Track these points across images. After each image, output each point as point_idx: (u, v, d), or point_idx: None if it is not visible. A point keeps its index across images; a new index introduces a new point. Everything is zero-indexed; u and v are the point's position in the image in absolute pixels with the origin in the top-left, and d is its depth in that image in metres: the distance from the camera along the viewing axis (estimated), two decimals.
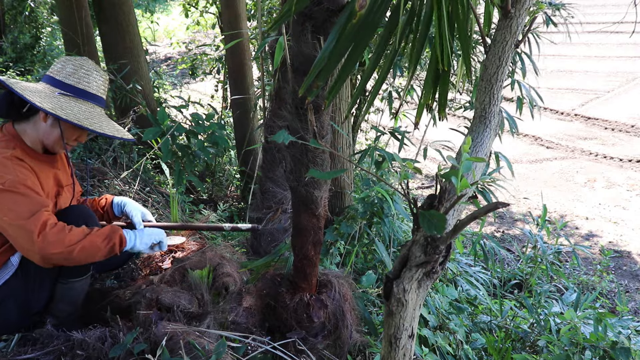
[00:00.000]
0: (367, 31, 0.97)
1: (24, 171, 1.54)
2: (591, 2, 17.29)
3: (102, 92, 1.73)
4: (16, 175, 1.51)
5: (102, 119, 1.69)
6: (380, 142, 4.39)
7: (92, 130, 1.59)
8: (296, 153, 1.58)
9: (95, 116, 1.66)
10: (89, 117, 1.63)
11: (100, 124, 1.65)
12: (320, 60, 1.02)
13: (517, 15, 1.20)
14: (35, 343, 1.64)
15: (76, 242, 1.52)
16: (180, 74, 9.86)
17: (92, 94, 1.68)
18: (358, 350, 1.94)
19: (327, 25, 1.39)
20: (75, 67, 1.66)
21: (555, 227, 4.37)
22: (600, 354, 1.89)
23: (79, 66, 1.67)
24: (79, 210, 1.73)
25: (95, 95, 1.69)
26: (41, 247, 1.47)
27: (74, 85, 1.65)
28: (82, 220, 1.63)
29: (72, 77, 1.65)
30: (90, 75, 1.68)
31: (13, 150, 1.57)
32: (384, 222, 2.50)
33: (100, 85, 1.71)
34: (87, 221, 1.66)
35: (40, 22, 6.41)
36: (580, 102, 9.63)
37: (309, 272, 1.76)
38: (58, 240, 1.49)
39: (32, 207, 1.49)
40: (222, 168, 4.37)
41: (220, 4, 4.51)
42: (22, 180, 1.51)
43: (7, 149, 1.57)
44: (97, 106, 1.71)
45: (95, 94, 1.69)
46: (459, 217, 1.16)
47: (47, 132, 1.63)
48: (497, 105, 1.28)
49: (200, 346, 1.51)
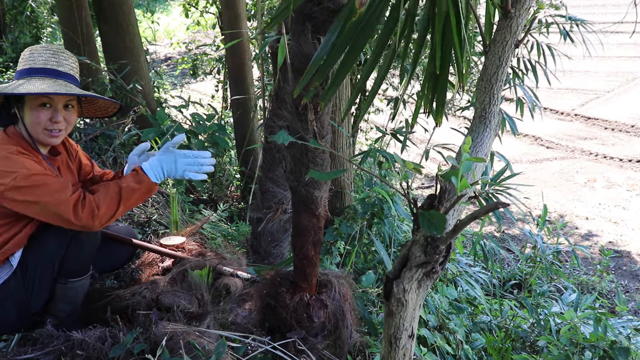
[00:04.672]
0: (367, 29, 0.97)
1: (30, 162, 1.54)
2: (591, 2, 17.30)
3: (52, 63, 1.64)
4: (24, 167, 1.50)
5: (46, 83, 1.59)
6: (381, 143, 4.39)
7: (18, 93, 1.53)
8: (296, 153, 1.58)
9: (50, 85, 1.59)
10: (40, 87, 1.56)
11: (41, 86, 1.57)
12: (317, 59, 1.01)
13: (517, 15, 1.20)
14: (35, 343, 1.64)
15: (114, 211, 1.55)
16: (181, 74, 9.86)
17: (39, 69, 1.63)
18: (358, 350, 1.94)
19: (327, 25, 1.38)
20: (23, 55, 1.66)
21: (555, 227, 4.37)
22: (600, 354, 1.89)
23: (27, 51, 1.66)
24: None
25: (42, 69, 1.62)
26: (84, 226, 1.51)
27: (22, 68, 1.64)
28: None
29: (21, 65, 1.65)
30: (34, 54, 1.65)
31: (17, 146, 1.57)
32: (384, 222, 2.50)
33: (49, 59, 1.65)
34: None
35: (40, 22, 6.41)
36: (580, 102, 9.63)
37: (309, 272, 1.76)
38: (95, 216, 1.51)
39: (54, 194, 1.49)
40: (222, 168, 4.37)
41: (220, 4, 4.51)
42: (32, 170, 1.51)
43: (11, 144, 1.57)
44: (50, 78, 1.63)
45: (43, 67, 1.63)
46: (459, 217, 1.15)
47: (25, 125, 1.61)
48: (497, 105, 1.28)
49: (200, 346, 1.51)
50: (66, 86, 1.63)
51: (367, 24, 0.97)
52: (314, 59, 1.01)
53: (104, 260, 1.98)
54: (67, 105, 1.66)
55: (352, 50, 0.98)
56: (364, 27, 0.97)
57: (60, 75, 1.65)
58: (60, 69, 1.66)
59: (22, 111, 1.61)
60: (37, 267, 1.64)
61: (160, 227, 2.86)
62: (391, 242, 2.54)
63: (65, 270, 1.68)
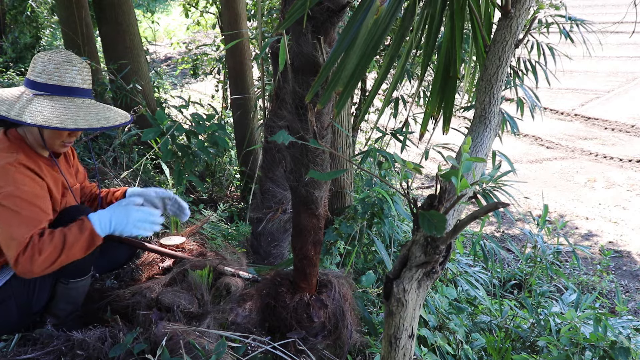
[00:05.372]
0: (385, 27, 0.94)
1: (25, 180, 1.51)
2: (591, 2, 17.30)
3: (79, 82, 1.61)
4: (16, 186, 1.48)
5: (80, 112, 1.58)
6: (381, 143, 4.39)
7: (60, 128, 1.51)
8: (296, 153, 1.58)
9: (72, 111, 1.56)
10: (63, 114, 1.54)
11: (76, 119, 1.55)
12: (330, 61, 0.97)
13: (517, 15, 1.20)
14: (35, 343, 1.64)
15: (55, 259, 1.48)
16: (181, 74, 9.86)
17: (67, 87, 1.59)
18: (358, 350, 1.94)
19: (327, 25, 1.39)
20: (44, 63, 1.57)
21: (555, 227, 4.37)
22: (600, 354, 1.89)
23: (48, 61, 1.57)
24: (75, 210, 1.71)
25: (71, 88, 1.59)
26: (21, 272, 1.46)
27: (46, 82, 1.57)
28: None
29: (43, 75, 1.57)
30: (61, 69, 1.58)
31: (17, 155, 1.54)
32: (384, 222, 2.50)
33: (75, 76, 1.60)
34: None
35: (40, 22, 6.41)
36: (580, 102, 9.63)
37: (309, 272, 1.76)
38: (34, 261, 1.45)
39: (17, 227, 1.46)
40: (222, 168, 4.37)
41: (220, 4, 4.51)
42: (18, 192, 1.48)
43: (10, 153, 1.54)
44: (77, 98, 1.61)
45: (71, 87, 1.59)
46: (459, 217, 1.16)
47: (38, 134, 1.60)
48: (497, 105, 1.28)
49: (200, 346, 1.51)
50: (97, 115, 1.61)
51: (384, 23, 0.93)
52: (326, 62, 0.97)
53: (104, 260, 1.97)
54: None
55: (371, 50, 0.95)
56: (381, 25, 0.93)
57: (84, 94, 1.62)
58: (85, 86, 1.63)
59: None
60: None
61: (160, 227, 2.86)
62: (391, 242, 2.54)
63: (67, 271, 1.67)
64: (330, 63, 0.98)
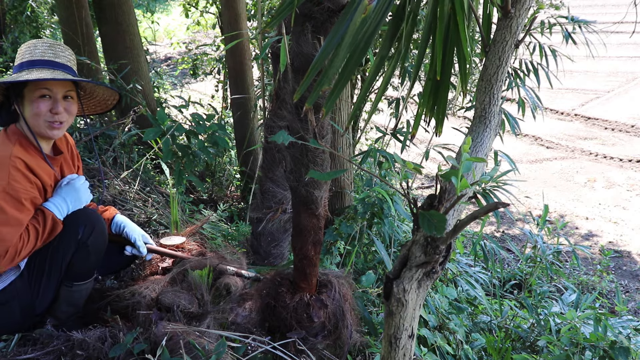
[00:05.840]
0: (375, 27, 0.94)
1: (17, 176, 1.52)
2: (591, 2, 17.31)
3: (49, 55, 1.65)
4: (7, 181, 1.49)
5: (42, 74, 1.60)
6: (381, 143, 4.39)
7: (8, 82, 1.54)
8: (296, 153, 1.58)
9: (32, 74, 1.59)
10: (21, 77, 1.57)
11: (39, 75, 1.57)
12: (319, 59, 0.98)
13: (517, 15, 1.20)
14: (35, 343, 1.64)
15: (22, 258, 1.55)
16: (181, 74, 9.86)
17: (36, 60, 1.63)
18: (358, 350, 1.94)
19: (327, 25, 1.39)
20: (20, 50, 1.67)
21: (555, 227, 4.37)
22: (600, 354, 1.89)
23: (24, 46, 1.67)
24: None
25: (40, 61, 1.63)
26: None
27: (20, 62, 1.64)
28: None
29: (18, 59, 1.65)
30: (30, 47, 1.66)
31: (13, 147, 1.54)
32: (384, 222, 2.50)
33: (45, 50, 1.65)
34: None
35: (40, 22, 6.41)
36: (580, 102, 9.64)
37: (309, 272, 1.76)
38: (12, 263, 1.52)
39: (4, 227, 1.48)
40: (222, 168, 4.37)
41: (220, 4, 4.51)
42: (10, 188, 1.50)
43: (7, 144, 1.55)
44: (47, 68, 1.63)
45: (40, 59, 1.63)
46: (459, 217, 1.16)
47: (26, 120, 1.61)
48: (497, 105, 1.28)
49: (200, 346, 1.51)
50: (64, 76, 1.63)
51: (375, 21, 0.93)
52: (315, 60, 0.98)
53: (107, 262, 1.97)
54: (66, 96, 1.65)
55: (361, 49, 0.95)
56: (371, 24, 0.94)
57: (57, 66, 1.65)
58: (58, 60, 1.66)
59: (22, 106, 1.61)
60: (45, 270, 1.65)
61: (160, 227, 2.86)
62: (391, 242, 2.54)
63: (72, 274, 1.69)
64: (318, 62, 0.97)
